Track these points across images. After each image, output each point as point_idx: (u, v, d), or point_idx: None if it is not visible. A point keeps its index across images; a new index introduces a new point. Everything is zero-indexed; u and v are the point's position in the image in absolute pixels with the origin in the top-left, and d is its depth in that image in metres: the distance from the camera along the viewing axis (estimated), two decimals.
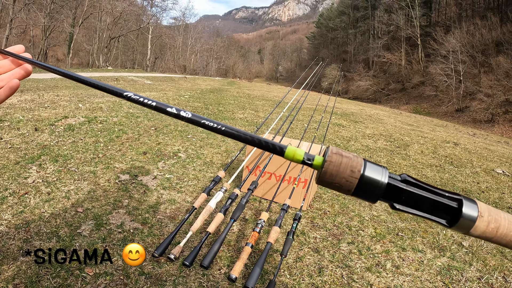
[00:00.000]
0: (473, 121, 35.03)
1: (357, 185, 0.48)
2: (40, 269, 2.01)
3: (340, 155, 0.49)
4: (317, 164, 0.51)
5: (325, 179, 0.48)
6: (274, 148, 0.52)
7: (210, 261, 1.69)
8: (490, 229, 0.50)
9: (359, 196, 0.49)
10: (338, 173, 0.48)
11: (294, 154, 0.51)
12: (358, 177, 0.47)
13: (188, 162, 4.22)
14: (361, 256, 2.61)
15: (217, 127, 0.55)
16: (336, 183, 0.48)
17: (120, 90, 0.60)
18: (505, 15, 42.63)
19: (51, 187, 3.07)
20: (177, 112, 0.57)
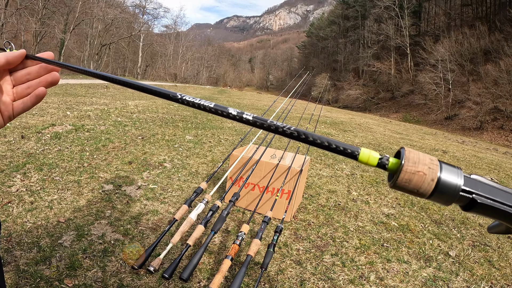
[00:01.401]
0: (462, 128, 35.40)
1: (434, 187, 0.46)
2: (20, 279, 1.98)
3: (417, 155, 0.48)
4: (392, 167, 0.49)
5: (408, 167, 0.46)
6: (346, 151, 0.49)
7: (189, 273, 1.67)
8: None
9: (435, 198, 0.47)
10: (420, 160, 0.46)
11: (368, 157, 0.48)
12: (438, 164, 0.46)
13: (173, 172, 4.19)
14: (345, 268, 2.60)
15: (285, 129, 0.51)
16: (419, 171, 0.46)
17: (173, 93, 0.58)
18: (493, 24, 43.34)
19: (34, 196, 3.03)
20: (239, 115, 0.55)
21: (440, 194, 0.46)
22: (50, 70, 0.71)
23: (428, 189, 0.46)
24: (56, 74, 0.72)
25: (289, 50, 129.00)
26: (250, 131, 3.03)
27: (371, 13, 60.03)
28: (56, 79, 0.72)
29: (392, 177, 0.49)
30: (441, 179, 0.45)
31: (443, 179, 0.45)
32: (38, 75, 0.69)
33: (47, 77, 0.70)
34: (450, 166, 0.47)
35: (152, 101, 11.10)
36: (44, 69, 0.70)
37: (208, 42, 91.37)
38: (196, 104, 0.57)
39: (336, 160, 6.06)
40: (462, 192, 0.46)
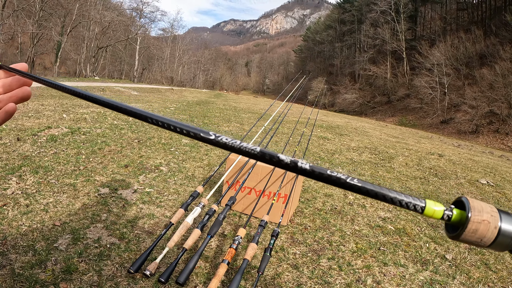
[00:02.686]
0: (458, 132, 35.56)
1: (496, 235, 0.45)
2: (15, 283, 1.96)
3: (478, 203, 0.46)
4: (456, 219, 0.47)
5: (475, 216, 0.45)
6: (410, 205, 0.46)
7: (185, 278, 1.66)
8: None
9: (494, 247, 0.46)
10: (483, 208, 0.45)
11: (434, 211, 0.46)
12: (497, 226, 0.45)
13: (169, 175, 4.18)
14: (341, 272, 2.59)
15: (349, 181, 0.46)
16: (485, 220, 0.45)
17: (204, 132, 0.50)
18: (488, 29, 43.62)
19: (30, 199, 3.02)
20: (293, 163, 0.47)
21: (500, 242, 0.45)
22: (23, 83, 0.67)
23: (491, 237, 0.45)
24: (28, 89, 0.68)
25: (285, 54, 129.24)
26: (247, 135, 3.02)
27: (367, 17, 60.27)
28: (27, 95, 0.68)
29: (453, 228, 0.48)
30: (502, 227, 0.45)
31: (503, 227, 0.45)
32: (10, 88, 0.65)
33: (18, 92, 0.66)
34: (507, 213, 0.46)
35: (149, 104, 11.09)
36: (17, 82, 0.66)
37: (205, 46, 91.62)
38: (235, 148, 0.49)
39: (332, 164, 6.06)
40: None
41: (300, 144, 6.97)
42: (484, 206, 0.46)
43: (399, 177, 5.86)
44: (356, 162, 6.48)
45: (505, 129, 32.01)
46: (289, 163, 0.46)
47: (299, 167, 0.46)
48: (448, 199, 4.97)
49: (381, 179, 5.54)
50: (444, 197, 5.04)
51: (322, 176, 0.46)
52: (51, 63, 41.42)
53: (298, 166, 0.46)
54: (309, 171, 0.46)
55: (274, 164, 0.47)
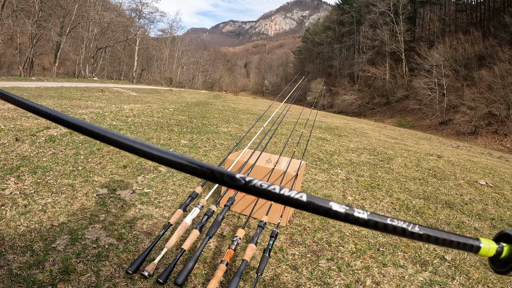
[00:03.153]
0: (457, 133, 35.57)
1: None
2: (13, 284, 1.95)
3: None
4: (506, 255, 0.47)
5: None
6: (467, 245, 0.45)
7: (184, 278, 1.66)
8: None
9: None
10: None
11: (488, 250, 0.46)
12: None
13: (168, 176, 4.17)
14: (341, 272, 2.59)
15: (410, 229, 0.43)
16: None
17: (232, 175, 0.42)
18: (487, 30, 43.70)
19: (28, 199, 3.01)
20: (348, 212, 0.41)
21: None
22: None
23: None
24: None
25: (284, 55, 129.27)
26: (245, 135, 3.02)
27: (366, 19, 60.32)
28: None
29: (501, 264, 0.48)
30: None
31: None
32: None
33: None
34: None
35: (148, 105, 11.08)
36: None
37: (204, 47, 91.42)
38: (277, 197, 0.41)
39: (331, 165, 6.06)
40: None
41: (299, 145, 6.97)
42: None
43: (398, 178, 5.85)
44: (355, 163, 6.48)
45: (503, 130, 32.03)
46: (343, 213, 0.41)
47: (355, 217, 0.41)
48: (447, 200, 4.96)
49: (380, 180, 5.54)
50: (443, 198, 5.04)
51: (380, 225, 0.42)
52: (50, 63, 41.41)
53: (354, 216, 0.41)
54: (367, 220, 0.41)
55: (322, 214, 0.41)
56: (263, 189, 0.40)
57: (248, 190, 0.41)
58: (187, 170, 0.42)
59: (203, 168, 0.42)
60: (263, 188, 0.40)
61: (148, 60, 54.37)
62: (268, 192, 0.40)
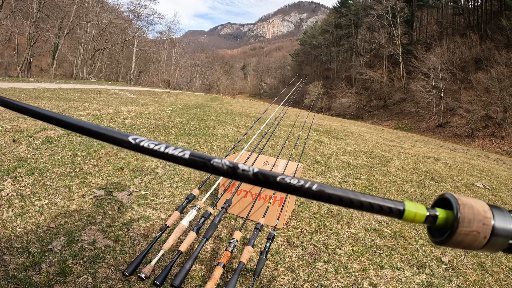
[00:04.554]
0: (454, 136, 35.67)
1: (491, 234, 0.42)
2: (9, 285, 1.95)
3: (464, 196, 0.44)
4: (447, 217, 0.44)
5: (463, 229, 0.41)
6: (389, 209, 0.42)
7: (181, 280, 1.65)
8: None
9: (490, 245, 0.43)
10: (475, 216, 0.42)
11: (416, 214, 0.42)
12: (491, 216, 0.42)
13: (165, 178, 4.17)
14: (338, 275, 2.59)
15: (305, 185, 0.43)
16: (473, 231, 0.42)
17: (122, 135, 0.46)
18: (484, 33, 43.86)
19: (25, 200, 3.00)
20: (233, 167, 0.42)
21: (490, 247, 0.43)
22: None
23: (478, 246, 0.43)
24: None
25: (282, 58, 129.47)
26: (243, 138, 3.02)
27: (364, 22, 60.46)
28: None
29: (438, 233, 0.45)
30: (493, 237, 0.42)
31: (494, 236, 0.42)
32: None
33: None
34: (498, 209, 0.44)
35: (145, 107, 11.08)
36: None
37: (201, 49, 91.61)
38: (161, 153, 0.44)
39: (328, 167, 6.06)
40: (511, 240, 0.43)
41: (296, 148, 6.98)
42: (476, 212, 0.43)
43: (395, 180, 5.86)
44: (352, 166, 6.48)
45: (500, 132, 32.13)
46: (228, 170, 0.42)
47: (240, 173, 0.42)
48: None
49: (377, 182, 5.54)
50: None
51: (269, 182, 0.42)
52: (48, 64, 41.37)
53: (238, 173, 0.42)
54: (253, 177, 0.42)
55: (206, 170, 0.42)
56: (151, 148, 0.43)
57: (137, 149, 0.44)
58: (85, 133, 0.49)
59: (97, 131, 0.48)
60: (151, 148, 0.43)
61: (146, 62, 54.37)
62: (154, 151, 0.43)
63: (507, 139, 31.27)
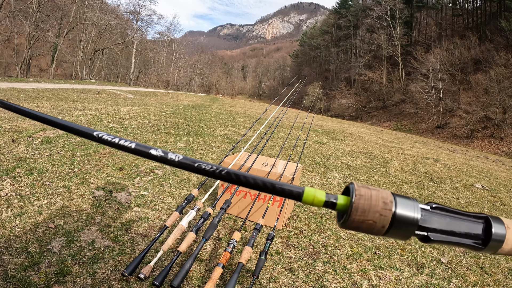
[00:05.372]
0: (453, 137, 35.72)
1: (391, 223, 0.44)
2: (8, 285, 1.94)
3: (367, 187, 0.46)
4: (342, 204, 0.47)
5: (356, 217, 0.44)
6: (290, 193, 0.47)
7: (180, 281, 1.65)
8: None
9: (392, 234, 0.45)
10: (371, 207, 0.44)
11: (314, 197, 0.47)
12: (392, 209, 0.44)
13: (164, 179, 4.16)
14: (337, 275, 2.59)
15: (217, 170, 0.49)
16: (369, 220, 0.44)
17: (89, 130, 0.54)
18: (483, 34, 43.94)
19: (24, 201, 2.99)
20: (164, 155, 0.50)
21: (394, 236, 0.46)
22: None
23: (379, 233, 0.45)
24: None
25: (281, 58, 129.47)
26: (242, 138, 3.02)
27: (363, 23, 60.52)
28: None
29: (339, 216, 0.49)
30: (393, 227, 0.44)
31: (394, 227, 0.44)
32: None
33: None
34: (404, 197, 0.46)
35: (144, 108, 11.07)
36: None
37: (201, 50, 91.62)
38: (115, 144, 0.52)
39: (327, 168, 6.06)
40: (418, 231, 0.46)
41: (295, 148, 6.98)
42: (374, 203, 0.44)
43: (395, 181, 5.86)
44: (352, 167, 6.49)
45: (499, 134, 32.18)
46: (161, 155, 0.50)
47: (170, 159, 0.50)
48: (443, 203, 4.94)
49: (376, 183, 5.55)
50: (439, 201, 5.05)
51: (192, 167, 0.48)
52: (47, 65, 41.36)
53: (168, 158, 0.50)
54: (177, 162, 0.49)
55: (147, 157, 0.50)
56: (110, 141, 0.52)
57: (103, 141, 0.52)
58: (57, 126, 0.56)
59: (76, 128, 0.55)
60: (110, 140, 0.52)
61: (145, 62, 54.38)
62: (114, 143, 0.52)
63: (506, 140, 31.32)
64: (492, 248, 0.48)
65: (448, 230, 0.47)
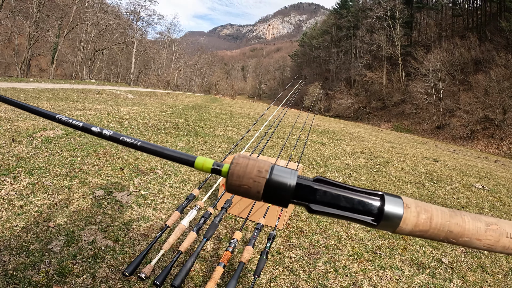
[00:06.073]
0: (453, 137, 35.70)
1: (265, 187, 0.48)
2: (8, 285, 1.94)
3: (247, 158, 0.50)
4: (225, 171, 0.51)
5: (232, 181, 0.48)
6: (184, 159, 0.53)
7: (181, 281, 1.65)
8: (422, 220, 0.49)
9: (269, 199, 0.49)
10: (245, 174, 0.48)
11: (203, 164, 0.52)
12: (266, 176, 0.48)
13: (165, 179, 4.16)
14: (338, 275, 2.58)
15: (134, 142, 0.56)
16: (244, 185, 0.48)
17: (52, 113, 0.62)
18: (483, 35, 43.91)
19: (24, 200, 2.99)
20: (100, 131, 0.58)
21: (271, 201, 0.49)
22: None
23: (256, 197, 0.49)
24: None
25: (281, 59, 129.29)
26: (242, 138, 3.02)
27: (363, 23, 60.48)
28: None
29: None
30: (272, 177, 0.48)
31: (273, 177, 0.48)
32: None
33: None
34: (283, 168, 0.50)
35: (145, 108, 11.07)
36: None
37: (201, 50, 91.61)
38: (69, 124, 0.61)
39: (328, 168, 6.06)
40: (296, 199, 0.49)
41: (296, 149, 6.97)
42: (249, 171, 0.49)
43: (395, 181, 5.86)
44: (352, 167, 6.48)
45: (500, 134, 32.18)
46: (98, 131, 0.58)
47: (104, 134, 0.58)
48: (443, 203, 4.97)
49: (376, 183, 5.54)
50: (439, 201, 5.05)
51: (118, 140, 0.57)
52: (47, 65, 41.31)
53: (103, 134, 0.58)
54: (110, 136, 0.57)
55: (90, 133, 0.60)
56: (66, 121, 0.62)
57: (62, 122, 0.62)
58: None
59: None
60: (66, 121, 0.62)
61: (145, 62, 54.36)
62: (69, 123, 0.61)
63: (506, 140, 31.31)
64: (387, 226, 0.49)
65: (333, 203, 0.49)
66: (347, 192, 0.50)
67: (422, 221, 0.49)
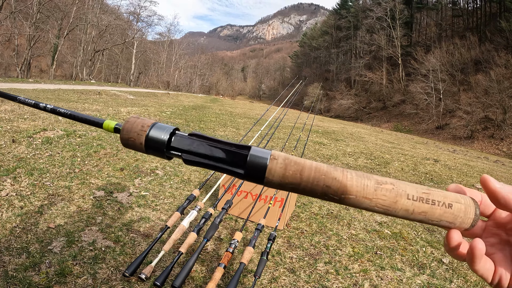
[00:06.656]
0: (453, 137, 35.68)
1: (145, 140, 0.54)
2: (9, 285, 1.94)
3: (136, 117, 0.57)
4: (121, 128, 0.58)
5: (123, 135, 0.55)
6: (94, 121, 0.62)
7: (181, 281, 1.64)
8: (290, 172, 0.49)
9: (150, 151, 0.55)
10: (132, 128, 0.55)
11: (108, 125, 0.60)
12: (146, 130, 0.54)
13: (165, 179, 4.16)
14: (338, 276, 2.58)
15: (44, 106, 0.69)
16: (131, 138, 0.54)
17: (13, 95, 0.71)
18: (483, 35, 43.88)
19: (24, 201, 2.99)
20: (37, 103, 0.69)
21: (152, 152, 0.55)
22: None
23: (140, 148, 0.55)
24: None
25: (281, 59, 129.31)
26: (243, 139, 3.01)
27: (363, 23, 60.50)
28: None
29: None
30: (150, 133, 0.54)
31: (151, 133, 0.54)
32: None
33: None
34: (158, 131, 0.55)
35: (145, 108, 11.07)
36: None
37: (201, 51, 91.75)
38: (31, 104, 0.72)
39: None
40: (172, 151, 0.55)
41: (296, 149, 6.97)
42: (135, 126, 0.55)
43: None
44: (352, 167, 6.48)
45: (500, 134, 32.17)
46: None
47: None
48: None
49: None
50: None
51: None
52: (47, 65, 41.29)
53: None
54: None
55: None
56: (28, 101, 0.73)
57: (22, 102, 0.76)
58: None
59: None
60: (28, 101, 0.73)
61: (145, 63, 54.33)
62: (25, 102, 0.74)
63: (506, 140, 31.31)
64: (253, 178, 0.51)
65: (204, 154, 0.53)
66: (218, 145, 0.54)
67: (290, 173, 0.49)
